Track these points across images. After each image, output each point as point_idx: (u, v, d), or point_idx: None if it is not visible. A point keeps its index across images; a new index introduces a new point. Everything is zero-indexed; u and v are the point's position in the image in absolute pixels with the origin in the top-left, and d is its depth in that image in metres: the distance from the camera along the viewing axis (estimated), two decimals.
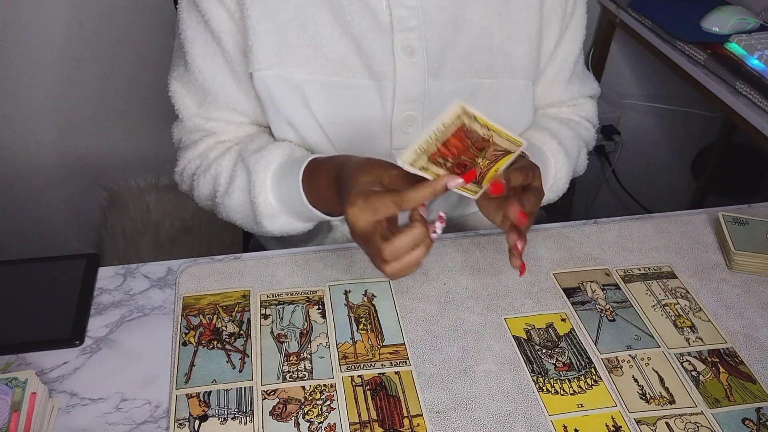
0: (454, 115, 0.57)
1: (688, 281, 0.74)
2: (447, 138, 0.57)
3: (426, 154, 0.56)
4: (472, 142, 0.58)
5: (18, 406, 0.55)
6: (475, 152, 0.58)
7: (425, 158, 0.56)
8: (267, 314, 0.68)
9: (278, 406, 0.59)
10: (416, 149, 0.56)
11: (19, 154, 1.56)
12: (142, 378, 0.62)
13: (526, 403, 0.61)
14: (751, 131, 1.16)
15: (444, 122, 0.56)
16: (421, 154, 0.56)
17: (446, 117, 0.56)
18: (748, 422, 0.59)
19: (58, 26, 1.42)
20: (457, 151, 0.57)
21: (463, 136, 0.58)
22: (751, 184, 1.93)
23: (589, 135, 0.91)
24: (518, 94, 0.79)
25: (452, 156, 0.57)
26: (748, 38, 1.26)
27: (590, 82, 0.91)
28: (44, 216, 1.65)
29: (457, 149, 0.57)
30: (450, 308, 0.70)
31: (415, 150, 0.56)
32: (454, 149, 0.57)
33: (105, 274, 0.73)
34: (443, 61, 0.74)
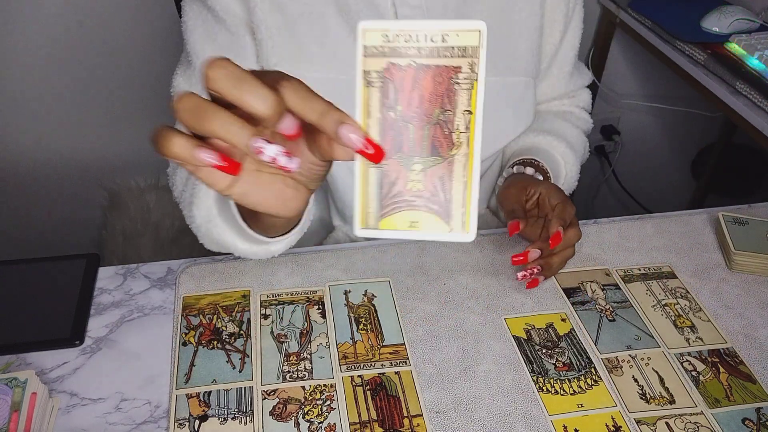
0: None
1: (688, 281, 0.74)
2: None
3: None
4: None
5: (18, 406, 0.55)
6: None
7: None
8: (267, 314, 0.68)
9: (278, 406, 0.59)
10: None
11: (19, 154, 1.56)
12: (142, 378, 0.62)
13: (526, 403, 0.61)
14: (751, 131, 1.16)
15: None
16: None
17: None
18: (748, 422, 0.59)
19: (58, 26, 1.42)
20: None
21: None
22: (751, 184, 1.93)
23: (587, 125, 0.95)
24: (521, 91, 0.80)
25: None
26: (748, 38, 1.26)
27: (585, 71, 0.93)
28: (44, 216, 1.65)
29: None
30: (450, 308, 0.70)
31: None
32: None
33: (105, 274, 0.73)
34: None
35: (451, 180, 0.41)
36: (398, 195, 0.42)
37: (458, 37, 0.39)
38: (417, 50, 0.39)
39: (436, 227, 0.42)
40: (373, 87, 0.40)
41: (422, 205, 0.42)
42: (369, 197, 0.42)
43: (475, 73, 0.39)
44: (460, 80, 0.39)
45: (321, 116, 0.38)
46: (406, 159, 0.41)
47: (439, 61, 0.39)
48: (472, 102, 0.40)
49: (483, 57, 0.39)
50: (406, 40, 0.39)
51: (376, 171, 0.42)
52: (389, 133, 0.41)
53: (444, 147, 0.41)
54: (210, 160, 0.38)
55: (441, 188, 0.41)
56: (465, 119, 0.40)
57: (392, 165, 0.41)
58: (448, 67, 0.39)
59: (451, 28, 0.39)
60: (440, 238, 0.41)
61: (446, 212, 0.41)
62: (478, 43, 0.39)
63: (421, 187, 0.41)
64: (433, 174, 0.41)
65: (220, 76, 0.37)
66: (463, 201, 0.41)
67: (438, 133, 0.41)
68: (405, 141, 0.41)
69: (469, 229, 0.42)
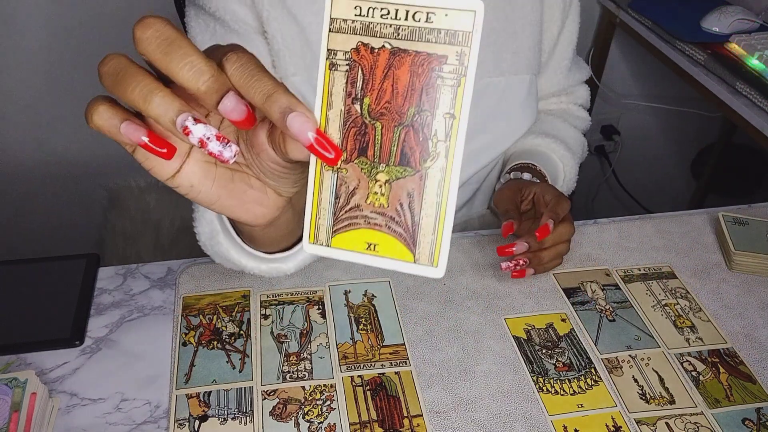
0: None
1: (688, 281, 0.74)
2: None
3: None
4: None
5: (18, 406, 0.55)
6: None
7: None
8: (267, 314, 0.68)
9: (278, 406, 0.59)
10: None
11: (19, 154, 1.56)
12: (142, 378, 0.62)
13: (526, 404, 0.61)
14: (751, 131, 1.16)
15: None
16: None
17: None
18: (748, 422, 0.59)
19: (58, 26, 1.42)
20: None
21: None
22: (751, 184, 1.93)
23: (585, 123, 0.94)
24: (525, 89, 0.80)
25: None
26: (748, 38, 1.26)
27: (582, 66, 0.93)
28: (44, 216, 1.65)
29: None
30: (450, 308, 0.70)
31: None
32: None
33: (105, 274, 0.73)
34: None
35: (422, 198, 0.33)
36: (356, 209, 0.34)
37: (447, 18, 0.31)
38: (395, 29, 0.32)
39: (398, 254, 0.34)
40: (338, 71, 0.33)
41: (383, 225, 0.34)
42: (322, 207, 0.35)
43: (464, 66, 0.31)
44: (445, 74, 0.31)
45: (267, 99, 0.31)
46: (369, 165, 0.34)
47: (421, 46, 0.31)
48: (457, 103, 0.32)
49: (476, 46, 0.31)
50: (383, 15, 0.31)
51: (332, 176, 0.34)
52: (351, 131, 0.33)
53: (416, 156, 0.33)
54: (135, 137, 0.32)
55: (408, 207, 0.33)
56: (446, 124, 0.32)
57: (352, 171, 0.34)
58: (431, 55, 0.31)
59: (438, 4, 0.31)
60: (401, 269, 0.34)
61: (412, 238, 0.33)
62: (471, 27, 0.30)
63: (385, 203, 0.34)
64: (400, 188, 0.33)
65: (149, 36, 0.31)
66: (434, 227, 0.33)
67: (411, 138, 0.33)
68: (370, 143, 0.33)
69: (438, 263, 0.33)
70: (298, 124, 0.31)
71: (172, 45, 0.31)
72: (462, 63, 0.31)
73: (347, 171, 0.34)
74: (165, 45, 0.31)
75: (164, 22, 0.31)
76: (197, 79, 0.30)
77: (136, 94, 0.31)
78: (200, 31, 0.70)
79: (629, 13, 1.49)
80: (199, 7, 0.69)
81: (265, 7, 0.67)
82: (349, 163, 0.34)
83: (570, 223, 0.72)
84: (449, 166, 0.32)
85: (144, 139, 0.32)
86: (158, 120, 0.31)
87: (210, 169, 0.37)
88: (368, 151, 0.33)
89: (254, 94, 0.31)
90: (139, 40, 0.31)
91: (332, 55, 0.33)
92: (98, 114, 0.32)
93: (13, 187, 1.60)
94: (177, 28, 0.31)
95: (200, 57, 0.31)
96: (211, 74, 0.31)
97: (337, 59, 0.33)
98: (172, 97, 0.31)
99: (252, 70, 0.32)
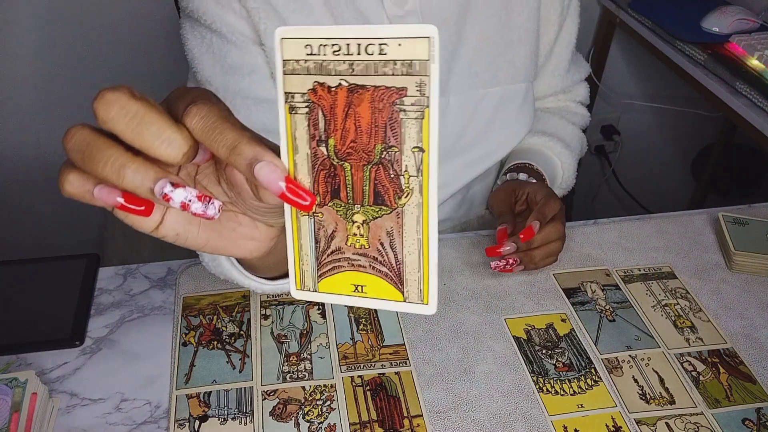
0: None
1: (688, 281, 0.74)
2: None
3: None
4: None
5: (18, 406, 0.55)
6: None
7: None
8: (267, 314, 0.68)
9: (278, 407, 0.59)
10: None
11: (19, 154, 1.56)
12: (142, 378, 0.62)
13: (526, 404, 0.61)
14: (751, 131, 1.16)
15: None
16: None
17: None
18: (748, 422, 0.59)
19: (58, 25, 1.42)
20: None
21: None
22: (751, 184, 1.93)
23: (584, 120, 0.94)
24: (521, 98, 0.80)
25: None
26: (748, 38, 1.26)
27: (582, 64, 0.92)
28: (45, 216, 1.65)
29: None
30: (450, 308, 0.70)
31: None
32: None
33: (105, 274, 0.73)
34: (448, 76, 0.74)
35: (402, 237, 0.32)
36: (338, 251, 0.33)
37: (401, 48, 0.29)
38: (349, 65, 0.30)
39: (386, 294, 0.33)
40: (299, 114, 0.32)
41: (367, 266, 0.33)
42: (304, 253, 0.34)
43: (425, 96, 0.29)
44: (407, 106, 0.30)
45: (231, 152, 0.30)
46: (344, 207, 0.33)
47: (378, 80, 0.30)
48: (424, 136, 0.30)
49: (435, 75, 0.29)
50: (335, 51, 0.30)
51: (308, 221, 0.33)
52: (321, 173, 0.32)
53: (390, 194, 0.31)
54: (109, 199, 0.31)
55: (390, 246, 0.32)
56: (415, 159, 0.30)
57: (328, 214, 0.33)
58: (390, 89, 0.30)
59: (389, 34, 0.29)
60: (393, 308, 0.33)
61: (398, 277, 0.33)
62: (427, 55, 0.29)
63: (365, 244, 0.33)
64: (378, 228, 0.32)
65: (114, 116, 0.30)
66: (419, 264, 0.32)
67: (382, 176, 0.31)
68: (341, 184, 0.32)
69: (428, 300, 0.32)
70: (266, 173, 0.30)
71: (141, 123, 0.30)
72: (423, 93, 0.29)
73: (323, 215, 0.33)
74: (134, 124, 0.30)
75: (127, 95, 0.30)
76: (177, 154, 0.30)
77: (108, 170, 0.30)
78: (197, 44, 0.70)
79: (629, 13, 1.49)
80: (194, 20, 0.69)
81: (261, 20, 0.67)
82: (324, 207, 0.33)
83: (559, 222, 0.72)
84: (425, 201, 0.31)
85: (120, 201, 0.31)
86: (135, 192, 0.31)
87: (193, 216, 0.36)
88: (341, 193, 0.32)
89: (218, 148, 0.31)
90: (103, 120, 0.30)
91: (290, 98, 0.31)
92: (69, 182, 0.31)
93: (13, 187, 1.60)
94: (141, 97, 0.30)
95: (174, 130, 0.30)
96: (188, 146, 0.30)
97: (295, 102, 0.31)
98: (145, 167, 0.30)
99: (213, 123, 0.31)
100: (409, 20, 0.70)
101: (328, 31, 0.30)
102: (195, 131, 0.31)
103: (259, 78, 0.70)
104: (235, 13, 0.67)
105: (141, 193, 0.31)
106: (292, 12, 0.68)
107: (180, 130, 0.30)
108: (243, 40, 0.68)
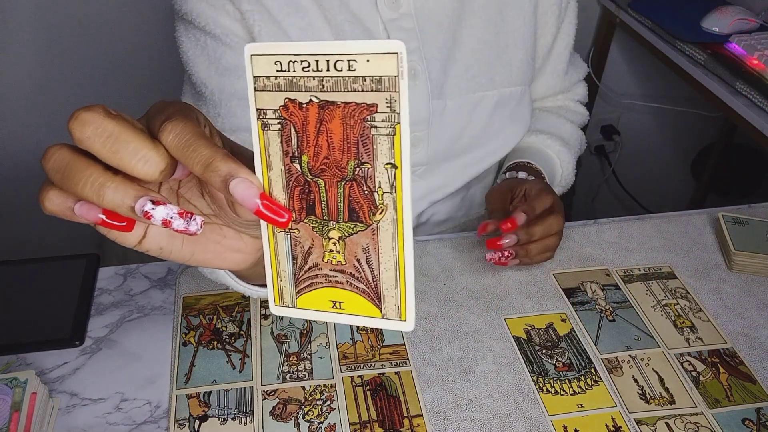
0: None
1: (688, 281, 0.74)
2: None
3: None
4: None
5: (18, 406, 0.55)
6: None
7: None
8: (267, 314, 0.68)
9: (278, 407, 0.59)
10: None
11: (19, 154, 1.56)
12: (142, 378, 0.62)
13: (526, 404, 0.61)
14: (751, 131, 1.16)
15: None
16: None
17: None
18: (748, 422, 0.59)
19: (57, 26, 1.42)
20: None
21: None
22: (751, 184, 1.93)
23: (583, 118, 0.94)
24: (516, 100, 0.80)
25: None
26: (748, 38, 1.26)
27: (579, 64, 0.92)
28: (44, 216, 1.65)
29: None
30: (450, 308, 0.70)
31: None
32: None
33: (105, 274, 0.73)
34: (445, 79, 0.74)
35: (378, 253, 0.32)
36: (315, 268, 0.33)
37: (369, 64, 0.29)
38: (319, 81, 0.30)
39: (364, 310, 0.33)
40: (271, 131, 0.32)
41: (345, 282, 0.33)
42: (281, 269, 0.34)
43: (396, 113, 0.29)
44: (378, 123, 0.30)
45: (205, 169, 0.30)
46: (319, 224, 0.33)
47: (348, 97, 0.30)
48: (396, 152, 0.30)
49: (404, 90, 0.29)
50: (304, 68, 0.30)
51: (285, 237, 0.33)
52: (296, 190, 0.32)
53: (365, 210, 0.32)
54: (90, 216, 0.32)
55: (366, 262, 0.32)
56: (389, 175, 0.30)
57: (304, 230, 0.33)
58: (360, 105, 0.30)
59: (358, 50, 0.29)
60: (371, 324, 0.33)
61: (375, 293, 0.33)
62: (396, 71, 0.28)
63: (342, 260, 0.33)
64: (354, 244, 0.32)
65: (90, 136, 0.29)
66: (396, 280, 0.32)
67: (356, 193, 0.31)
68: (316, 201, 0.32)
69: (406, 317, 0.32)
70: (242, 190, 0.30)
71: (117, 142, 0.30)
72: (393, 110, 0.29)
73: (299, 231, 0.33)
74: (110, 143, 0.30)
75: (101, 115, 0.30)
76: (154, 171, 0.30)
77: (87, 190, 0.30)
78: (191, 46, 0.70)
79: (629, 13, 1.49)
80: (188, 23, 0.69)
81: (256, 22, 0.67)
82: (300, 223, 0.33)
83: (559, 215, 0.71)
84: (400, 217, 0.31)
85: (101, 217, 0.31)
86: (116, 210, 0.31)
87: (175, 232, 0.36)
88: (316, 209, 0.33)
89: (193, 165, 0.31)
90: (79, 140, 0.30)
91: (262, 114, 0.31)
92: (49, 200, 0.31)
93: (13, 187, 1.60)
94: (116, 115, 0.30)
95: (150, 147, 0.30)
96: (165, 163, 0.30)
97: (267, 118, 0.31)
98: (124, 185, 0.30)
99: (188, 140, 0.30)
100: (403, 23, 0.70)
101: (297, 47, 0.30)
102: (170, 148, 0.31)
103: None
104: (228, 15, 0.68)
105: (122, 212, 0.31)
106: (286, 15, 0.68)
107: (156, 148, 0.30)
108: (237, 41, 0.69)
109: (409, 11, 0.70)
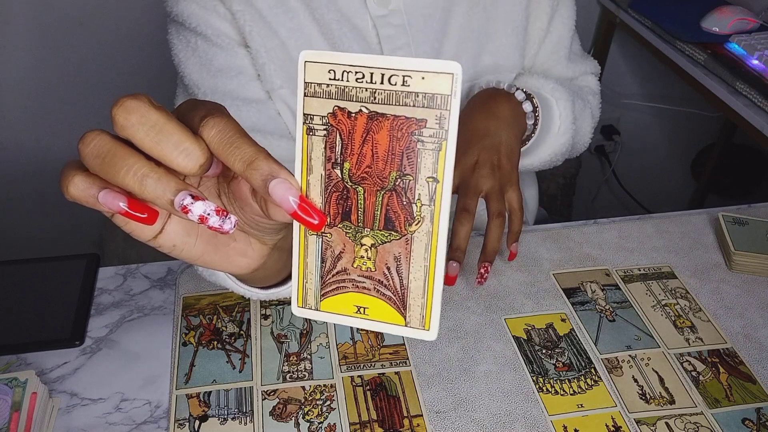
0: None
1: (688, 281, 0.74)
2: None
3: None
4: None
5: (18, 406, 0.55)
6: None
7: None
8: (267, 314, 0.68)
9: (278, 407, 0.59)
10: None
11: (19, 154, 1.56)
12: (142, 378, 0.62)
13: (526, 404, 0.61)
14: (751, 131, 1.16)
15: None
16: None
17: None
18: (748, 422, 0.59)
19: (58, 26, 1.42)
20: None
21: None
22: (751, 184, 1.93)
23: (594, 101, 0.89)
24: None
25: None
26: (748, 38, 1.26)
27: (590, 60, 0.90)
28: (44, 216, 1.65)
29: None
30: (450, 308, 0.70)
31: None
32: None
33: (105, 274, 0.73)
34: None
35: (409, 262, 0.33)
36: (343, 272, 0.34)
37: (424, 81, 0.30)
38: (371, 93, 0.31)
39: (388, 317, 0.34)
40: (316, 136, 0.32)
41: (372, 288, 0.34)
42: (308, 271, 0.34)
43: (444, 129, 0.30)
44: (425, 138, 0.31)
45: (247, 167, 0.31)
46: (353, 230, 0.33)
47: (399, 110, 0.31)
48: (440, 167, 0.31)
49: (455, 109, 0.30)
50: (358, 79, 0.31)
51: (316, 240, 0.34)
52: (333, 195, 0.33)
53: (401, 220, 0.32)
54: (113, 205, 0.31)
55: (396, 271, 0.33)
56: (429, 188, 0.31)
57: (337, 235, 0.33)
58: (410, 119, 0.30)
59: (414, 67, 0.30)
60: (393, 332, 0.34)
61: (401, 301, 0.33)
62: (450, 90, 0.29)
63: (372, 267, 0.33)
64: (386, 252, 0.33)
65: (134, 124, 0.30)
66: (424, 290, 0.33)
67: (394, 203, 0.32)
68: (353, 207, 0.33)
69: (430, 326, 0.34)
70: (281, 191, 0.31)
71: (161, 133, 0.30)
72: (442, 127, 0.30)
73: (331, 235, 0.34)
74: (154, 133, 0.30)
75: (147, 105, 0.30)
76: (194, 165, 0.30)
77: (129, 178, 0.30)
78: (182, 48, 0.70)
79: (629, 13, 1.49)
80: (179, 24, 0.70)
81: (246, 22, 0.67)
82: (333, 228, 0.33)
83: (497, 216, 0.67)
84: (435, 229, 0.32)
85: (123, 207, 0.31)
86: (155, 202, 0.31)
87: (192, 227, 0.36)
88: (351, 216, 0.33)
89: (234, 162, 0.31)
90: (122, 127, 0.30)
91: (309, 119, 0.32)
92: (74, 185, 0.31)
93: (13, 187, 1.60)
94: (159, 107, 0.30)
95: (192, 141, 0.30)
96: (206, 158, 0.30)
97: (314, 124, 0.32)
98: (167, 178, 0.30)
99: (231, 137, 0.31)
100: (393, 19, 0.70)
101: (354, 58, 0.31)
102: (212, 144, 0.31)
103: (246, 79, 0.70)
104: (219, 16, 0.68)
105: (160, 204, 0.31)
106: (276, 15, 0.68)
107: (198, 142, 0.30)
108: (228, 42, 0.69)
109: (399, 7, 0.70)
